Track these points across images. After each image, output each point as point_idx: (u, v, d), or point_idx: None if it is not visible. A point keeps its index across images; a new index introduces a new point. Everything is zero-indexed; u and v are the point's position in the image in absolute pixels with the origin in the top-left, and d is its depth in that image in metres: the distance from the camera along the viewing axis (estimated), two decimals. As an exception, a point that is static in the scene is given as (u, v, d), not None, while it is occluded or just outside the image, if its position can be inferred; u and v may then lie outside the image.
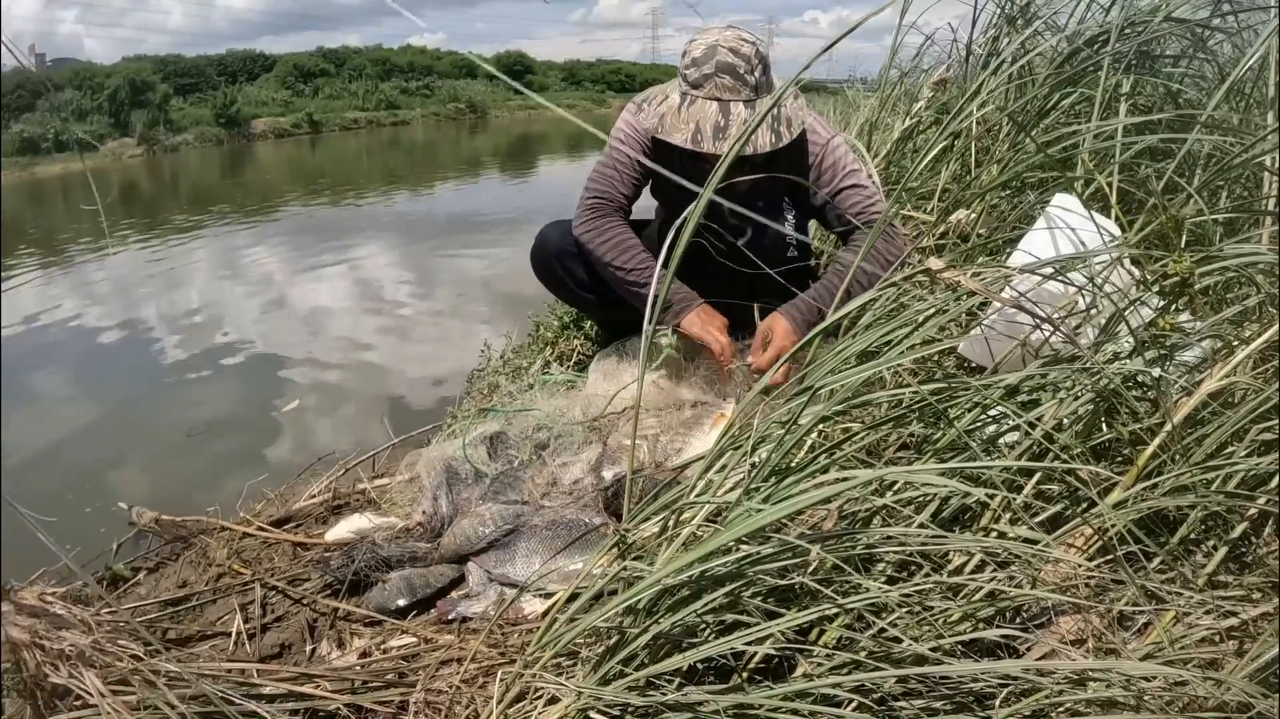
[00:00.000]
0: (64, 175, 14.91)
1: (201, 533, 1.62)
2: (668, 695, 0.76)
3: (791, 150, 1.74)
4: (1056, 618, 0.86)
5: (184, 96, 24.15)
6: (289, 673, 1.12)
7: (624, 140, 1.80)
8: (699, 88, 1.58)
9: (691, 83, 1.59)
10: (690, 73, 1.59)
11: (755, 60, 1.58)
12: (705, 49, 1.58)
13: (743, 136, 0.83)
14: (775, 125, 1.60)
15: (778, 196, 1.81)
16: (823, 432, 0.97)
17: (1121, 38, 1.67)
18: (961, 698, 0.77)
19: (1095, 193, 1.41)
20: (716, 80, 1.56)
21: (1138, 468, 0.87)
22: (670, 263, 0.83)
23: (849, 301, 0.88)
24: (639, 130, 1.78)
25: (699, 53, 1.58)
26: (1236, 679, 0.70)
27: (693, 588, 0.78)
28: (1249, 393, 0.90)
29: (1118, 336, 0.98)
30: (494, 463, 1.66)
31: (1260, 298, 0.97)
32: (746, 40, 1.60)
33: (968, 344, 1.19)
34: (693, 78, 1.59)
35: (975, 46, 2.43)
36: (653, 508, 0.87)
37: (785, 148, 1.74)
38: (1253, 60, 1.41)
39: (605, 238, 1.77)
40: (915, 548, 0.82)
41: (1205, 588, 0.85)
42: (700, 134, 1.56)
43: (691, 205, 0.83)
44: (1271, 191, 1.25)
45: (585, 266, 1.95)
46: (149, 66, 23.91)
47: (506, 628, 1.23)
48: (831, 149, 1.75)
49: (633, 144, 1.79)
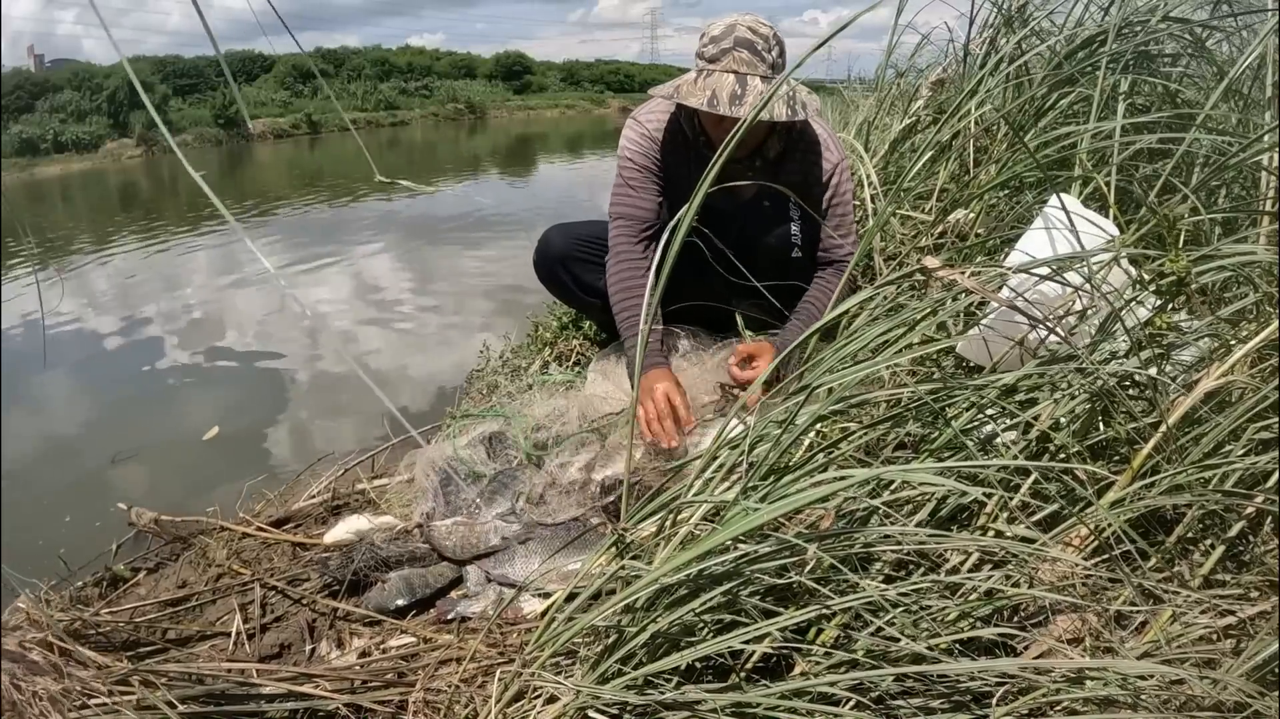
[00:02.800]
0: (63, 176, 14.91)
1: (201, 533, 1.62)
2: (666, 694, 0.77)
3: (802, 157, 1.74)
4: (1053, 617, 0.87)
5: (183, 97, 24.15)
6: (288, 673, 1.12)
7: (631, 155, 1.80)
8: (716, 61, 1.58)
9: (709, 58, 1.59)
10: (708, 49, 1.59)
11: (773, 40, 1.58)
12: (724, 28, 1.59)
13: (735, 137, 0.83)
14: (790, 102, 1.58)
15: (785, 198, 1.81)
16: (820, 431, 0.97)
17: (1119, 37, 1.67)
18: (959, 697, 0.77)
19: (1094, 192, 1.42)
20: (734, 54, 1.56)
21: (1134, 467, 0.87)
22: (664, 267, 0.83)
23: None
24: (644, 138, 1.79)
25: (717, 31, 1.59)
26: (1233, 678, 0.70)
27: (690, 587, 0.79)
28: (1246, 392, 0.90)
29: (1115, 336, 0.99)
30: (493, 463, 1.66)
31: (1257, 297, 0.98)
32: (764, 23, 1.60)
33: (965, 343, 1.20)
34: (710, 53, 1.59)
35: (973, 46, 2.43)
36: (650, 507, 0.87)
37: (797, 155, 1.74)
38: (1250, 60, 1.41)
39: (613, 281, 1.78)
40: (912, 547, 0.82)
41: (1202, 587, 0.85)
42: (716, 99, 1.54)
43: (686, 207, 0.83)
44: (1268, 191, 1.25)
45: (589, 270, 1.95)
46: (148, 67, 23.92)
47: (505, 628, 1.23)
48: (840, 173, 1.77)
49: (639, 155, 1.80)
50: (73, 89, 20.29)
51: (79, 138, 18.57)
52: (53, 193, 12.56)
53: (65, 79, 20.93)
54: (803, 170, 1.76)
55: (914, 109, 2.48)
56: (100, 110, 20.01)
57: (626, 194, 1.81)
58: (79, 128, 19.06)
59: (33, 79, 21.49)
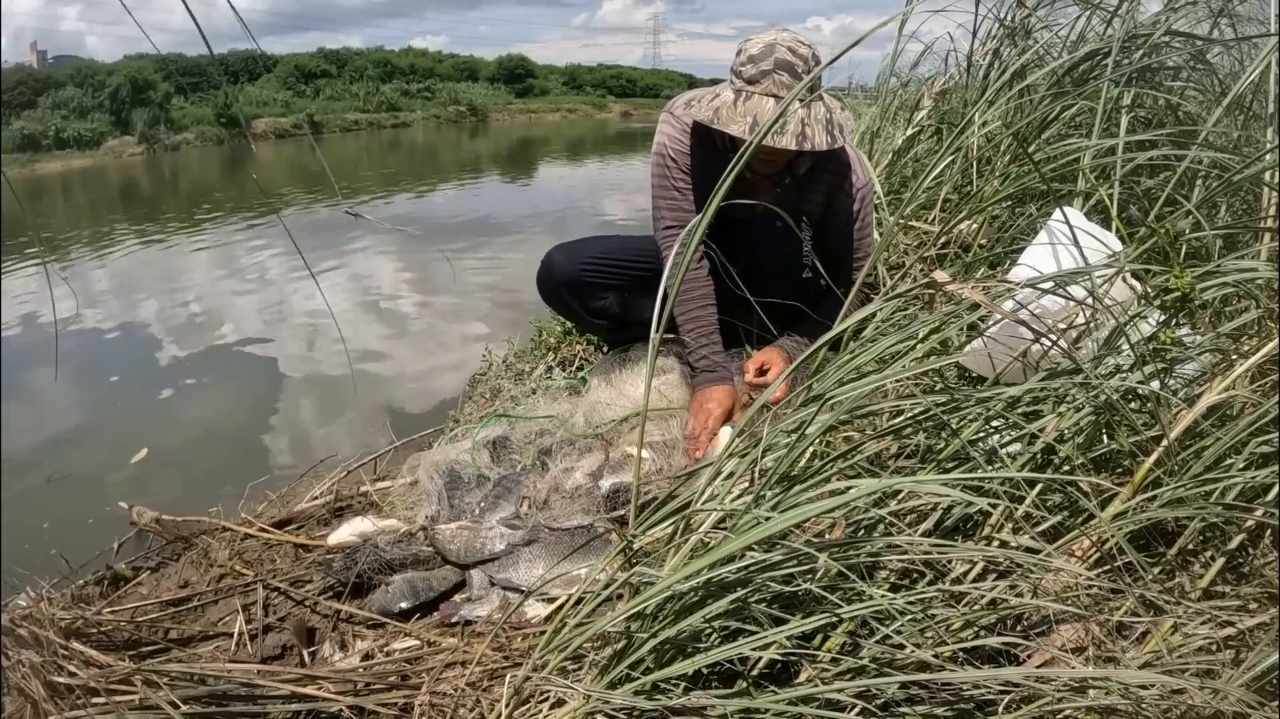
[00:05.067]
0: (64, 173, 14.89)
1: (203, 533, 1.63)
2: (674, 700, 0.77)
3: (830, 178, 1.74)
4: (1057, 626, 0.87)
5: (185, 95, 24.15)
6: (292, 674, 1.13)
7: (674, 155, 1.76)
8: (755, 84, 1.55)
9: (747, 79, 1.56)
10: (747, 69, 1.56)
11: (812, 62, 1.56)
12: (763, 47, 1.55)
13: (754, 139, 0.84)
14: (830, 128, 1.57)
15: (797, 216, 1.79)
16: (828, 440, 0.98)
17: (1123, 50, 1.69)
18: (963, 704, 0.78)
19: (1096, 205, 1.43)
20: (775, 77, 1.53)
21: (1136, 480, 0.88)
22: (681, 268, 0.84)
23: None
24: (685, 134, 1.75)
25: (756, 50, 1.56)
26: (1233, 688, 0.71)
27: (700, 594, 0.79)
28: (1247, 406, 0.91)
29: (1119, 350, 1.00)
30: (497, 467, 1.67)
31: (1259, 312, 0.99)
32: (803, 43, 1.57)
33: (970, 355, 1.21)
34: (749, 74, 1.55)
35: (976, 57, 2.44)
36: (660, 514, 0.88)
37: (825, 175, 1.73)
38: (1253, 75, 1.42)
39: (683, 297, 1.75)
40: (919, 556, 0.83)
41: (1202, 598, 0.86)
42: (757, 126, 1.52)
43: (699, 216, 0.84)
44: (1270, 208, 1.26)
45: (594, 292, 1.95)
46: (150, 65, 23.92)
47: (511, 632, 1.24)
48: (864, 199, 1.76)
49: (681, 154, 1.76)
50: (75, 85, 20.30)
51: (80, 134, 18.58)
52: (54, 189, 12.55)
53: (67, 75, 20.97)
54: (829, 191, 1.75)
55: (917, 119, 2.49)
56: (102, 107, 20.03)
57: (674, 199, 1.77)
58: (80, 124, 19.08)
59: (35, 75, 21.52)
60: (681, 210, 1.77)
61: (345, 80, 31.53)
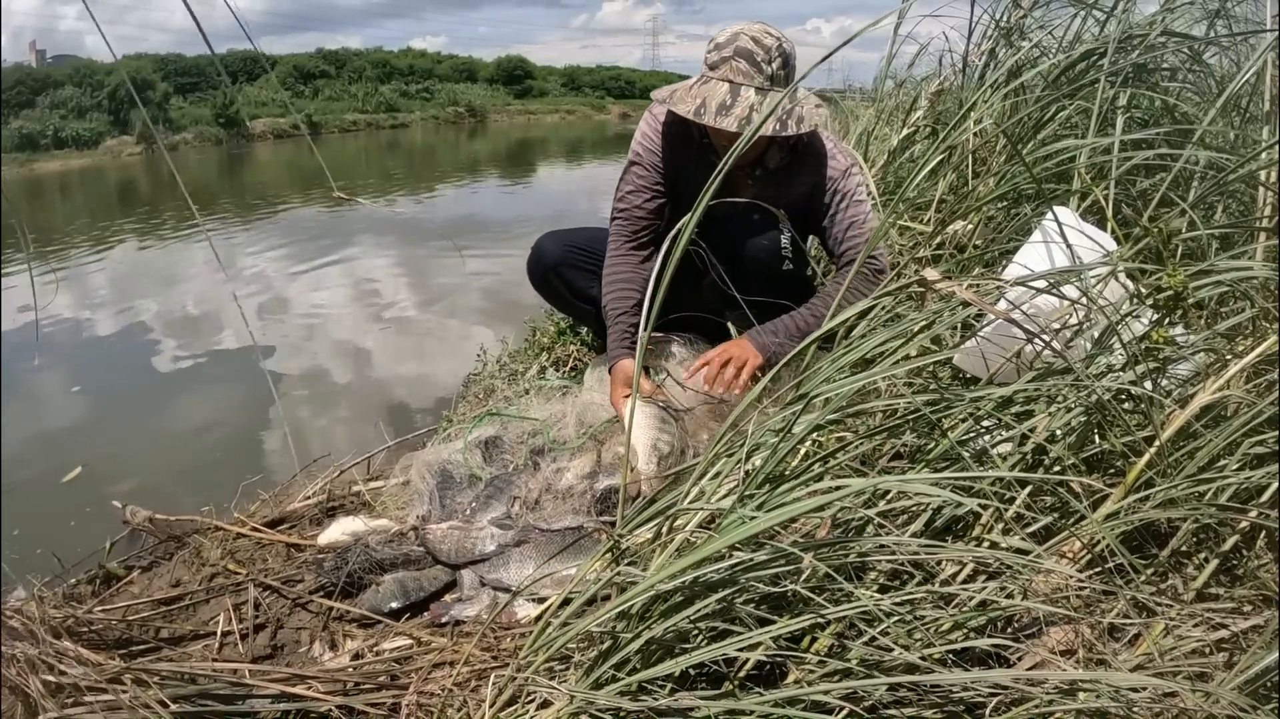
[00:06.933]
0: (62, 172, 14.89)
1: (195, 533, 1.62)
2: (660, 701, 0.77)
3: (812, 170, 1.74)
4: (1047, 628, 0.87)
5: (184, 95, 24.18)
6: (281, 673, 1.12)
7: (644, 151, 1.80)
8: (715, 69, 1.59)
9: (709, 64, 1.60)
10: (710, 55, 1.61)
11: (775, 52, 1.57)
12: (729, 35, 1.59)
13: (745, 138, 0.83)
14: (784, 117, 1.59)
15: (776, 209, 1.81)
16: (817, 440, 0.98)
17: (1119, 50, 1.68)
18: (952, 707, 0.77)
19: (1092, 205, 1.42)
20: (733, 64, 1.56)
21: (1129, 481, 0.88)
22: (665, 270, 0.84)
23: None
24: (657, 133, 1.79)
25: (722, 38, 1.60)
26: (1226, 691, 0.70)
27: (686, 594, 0.79)
28: (1241, 406, 0.90)
29: (1112, 349, 0.99)
30: (489, 467, 1.66)
31: (1254, 312, 0.98)
32: (771, 34, 1.60)
33: (962, 355, 1.20)
34: (711, 60, 1.60)
35: (971, 57, 2.44)
36: (646, 514, 0.87)
37: (805, 169, 1.74)
38: (1248, 75, 1.42)
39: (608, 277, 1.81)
40: (907, 557, 0.83)
41: (1195, 600, 0.85)
42: (704, 109, 1.56)
43: (687, 217, 0.83)
44: (1265, 207, 1.26)
45: (582, 277, 1.96)
46: (149, 65, 23.95)
47: (499, 632, 1.23)
48: (845, 178, 1.75)
49: (650, 151, 1.79)
50: (74, 85, 20.31)
51: (79, 134, 18.59)
52: (52, 189, 12.55)
53: (66, 75, 20.96)
54: (813, 181, 1.76)
55: (913, 119, 2.49)
56: (101, 107, 20.03)
57: (632, 192, 1.81)
58: (79, 124, 19.09)
59: (34, 74, 21.52)
60: (631, 203, 1.82)
61: (344, 81, 31.55)
